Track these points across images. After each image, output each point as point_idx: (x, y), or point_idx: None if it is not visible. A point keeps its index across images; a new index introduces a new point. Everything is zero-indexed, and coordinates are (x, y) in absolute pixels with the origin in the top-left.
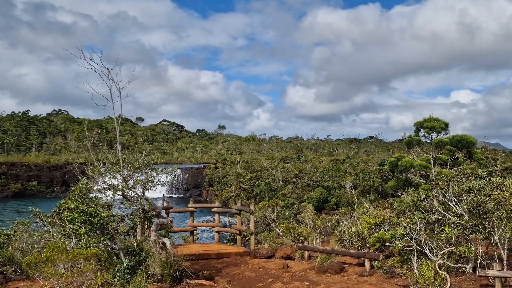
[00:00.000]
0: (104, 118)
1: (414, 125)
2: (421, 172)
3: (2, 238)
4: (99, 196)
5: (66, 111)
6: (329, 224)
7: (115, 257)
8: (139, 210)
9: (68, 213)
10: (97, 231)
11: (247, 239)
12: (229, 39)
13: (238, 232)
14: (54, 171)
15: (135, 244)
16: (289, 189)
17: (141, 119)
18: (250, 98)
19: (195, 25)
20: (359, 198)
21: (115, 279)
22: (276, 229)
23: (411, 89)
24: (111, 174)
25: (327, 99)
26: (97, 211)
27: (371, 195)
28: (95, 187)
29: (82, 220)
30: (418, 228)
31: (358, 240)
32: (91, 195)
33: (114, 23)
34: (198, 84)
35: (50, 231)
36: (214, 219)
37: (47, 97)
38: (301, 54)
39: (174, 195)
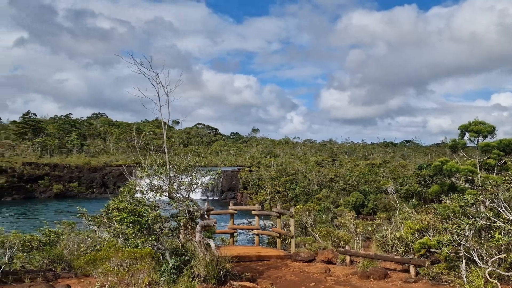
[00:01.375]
0: (141, 121)
1: (458, 129)
2: (466, 177)
3: (52, 236)
4: (146, 197)
5: (105, 115)
6: (369, 228)
7: (161, 257)
8: (185, 211)
9: (117, 213)
10: (144, 231)
11: (286, 242)
12: (263, 43)
13: (278, 235)
14: (94, 172)
15: (180, 244)
16: (325, 193)
17: (177, 122)
18: (284, 101)
19: (229, 29)
20: (401, 203)
21: (162, 279)
22: (313, 233)
23: (449, 92)
24: (158, 176)
25: (362, 102)
26: (145, 211)
27: (413, 200)
28: (143, 188)
29: (130, 220)
30: (466, 234)
31: (402, 245)
32: (137, 195)
33: (150, 28)
34: (232, 88)
35: (95, 231)
36: (249, 222)
37: (87, 101)
38: (335, 57)
39: (209, 198)
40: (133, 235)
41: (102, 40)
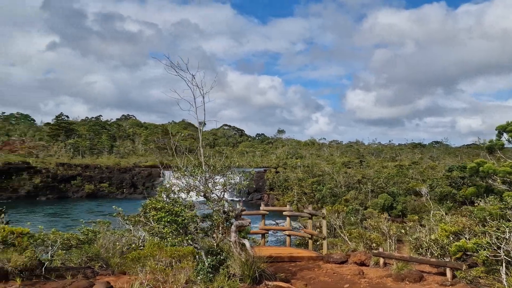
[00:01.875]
0: (168, 122)
1: (496, 129)
2: (504, 178)
3: (90, 235)
4: (182, 197)
5: (134, 116)
6: (402, 231)
7: (196, 256)
8: (220, 211)
9: (155, 213)
10: (181, 231)
11: (318, 243)
12: (288, 44)
13: (309, 236)
14: (124, 173)
15: (215, 244)
16: (352, 195)
17: (204, 124)
18: (309, 102)
19: (254, 30)
20: (434, 205)
21: (199, 278)
22: (342, 234)
23: (480, 91)
24: (194, 176)
25: (388, 102)
26: (182, 211)
27: (447, 202)
28: (179, 188)
29: (168, 220)
30: (506, 237)
31: (437, 248)
32: (173, 195)
33: (177, 30)
34: (257, 89)
35: (131, 230)
36: (276, 223)
37: (115, 103)
38: (360, 56)
39: (235, 198)
40: (170, 234)
41: (129, 43)
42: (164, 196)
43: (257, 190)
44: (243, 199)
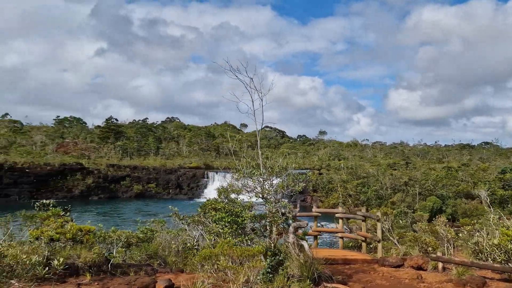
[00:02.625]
0: (211, 124)
1: None
2: None
3: (149, 234)
4: (240, 198)
5: (178, 119)
6: (460, 235)
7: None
8: (278, 212)
9: (214, 213)
10: (240, 231)
11: (371, 246)
12: (328, 44)
13: (363, 239)
14: (170, 174)
15: (272, 245)
16: (399, 197)
17: (245, 125)
18: (350, 102)
19: (294, 31)
20: (494, 208)
21: (258, 278)
22: (391, 238)
23: None
24: (252, 178)
25: (434, 102)
26: (242, 212)
27: (509, 206)
28: (238, 189)
29: (228, 220)
30: None
31: (500, 253)
32: (234, 196)
33: (218, 33)
34: (297, 90)
35: (186, 229)
36: (322, 225)
37: (159, 106)
38: (404, 55)
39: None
40: (230, 234)
41: (172, 47)
42: (223, 197)
43: (300, 191)
44: (286, 201)
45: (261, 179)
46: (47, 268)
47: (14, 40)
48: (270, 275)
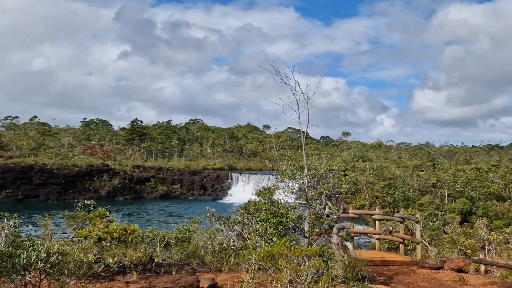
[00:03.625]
0: (234, 126)
1: None
2: None
3: (187, 234)
4: (283, 199)
5: (201, 120)
6: (501, 237)
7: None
8: (321, 214)
9: (259, 214)
10: (284, 232)
11: (407, 248)
12: (352, 44)
13: (401, 240)
14: (194, 175)
15: (315, 245)
16: (427, 199)
17: (268, 127)
18: (374, 103)
19: (317, 32)
20: None
21: (302, 278)
22: (422, 240)
23: None
24: (296, 180)
25: (460, 102)
26: (287, 213)
27: None
28: (281, 191)
29: (274, 221)
30: None
31: None
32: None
33: (240, 35)
34: (320, 91)
35: (222, 230)
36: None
37: (181, 107)
38: (430, 55)
39: (302, 201)
40: (276, 235)
41: (195, 49)
42: (268, 198)
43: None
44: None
45: (305, 181)
46: (102, 266)
47: (41, 45)
48: (316, 276)
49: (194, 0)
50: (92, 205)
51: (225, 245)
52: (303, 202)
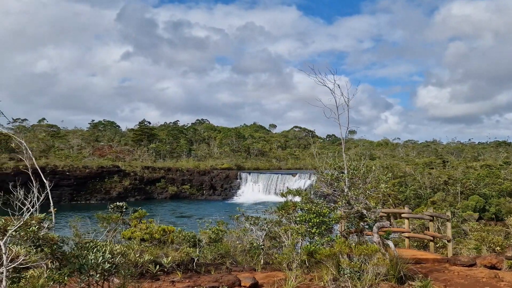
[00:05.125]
0: (241, 126)
1: None
2: None
3: (220, 234)
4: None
5: (208, 120)
6: None
7: (340, 255)
8: (363, 213)
9: (300, 214)
10: (325, 232)
11: (437, 246)
12: (354, 42)
13: (431, 238)
14: (203, 175)
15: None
16: (439, 197)
17: (274, 126)
18: (377, 101)
19: (320, 31)
20: None
21: (346, 275)
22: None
23: None
24: (337, 181)
25: (464, 98)
26: (330, 212)
27: None
28: (323, 191)
29: (317, 221)
30: None
31: None
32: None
33: (242, 34)
34: (323, 89)
35: (252, 230)
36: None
37: (185, 107)
38: (433, 51)
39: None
40: (318, 235)
41: (197, 49)
42: (310, 196)
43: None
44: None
45: (346, 181)
46: (157, 266)
47: (45, 47)
48: (358, 273)
49: None
50: (125, 207)
51: (254, 244)
52: (344, 202)
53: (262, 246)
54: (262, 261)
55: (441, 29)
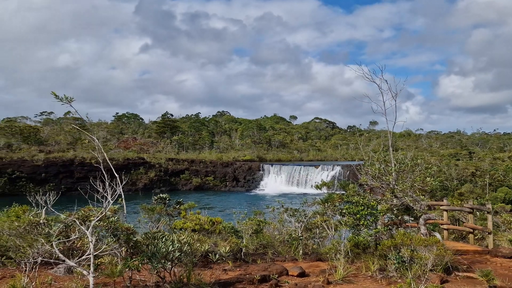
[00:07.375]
0: (261, 117)
1: None
2: None
3: (261, 225)
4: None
5: (228, 112)
6: None
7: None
8: (409, 206)
9: (348, 206)
10: (372, 224)
11: (475, 238)
12: (374, 31)
13: (471, 230)
14: (226, 167)
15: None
16: (467, 188)
17: (294, 117)
18: (398, 91)
19: (339, 20)
20: None
21: (393, 266)
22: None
23: None
24: (384, 173)
25: (489, 87)
26: (377, 204)
27: None
28: (370, 184)
29: (366, 213)
30: None
31: None
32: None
33: (260, 25)
34: (342, 80)
35: (291, 221)
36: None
37: (204, 99)
38: (455, 39)
39: (336, 192)
40: (366, 226)
41: (215, 40)
42: (358, 189)
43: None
44: (344, 192)
45: (393, 175)
46: (217, 256)
47: (66, 41)
48: (406, 264)
49: None
50: (167, 198)
51: (293, 235)
52: (392, 195)
53: (301, 237)
54: (301, 251)
55: (464, 15)
